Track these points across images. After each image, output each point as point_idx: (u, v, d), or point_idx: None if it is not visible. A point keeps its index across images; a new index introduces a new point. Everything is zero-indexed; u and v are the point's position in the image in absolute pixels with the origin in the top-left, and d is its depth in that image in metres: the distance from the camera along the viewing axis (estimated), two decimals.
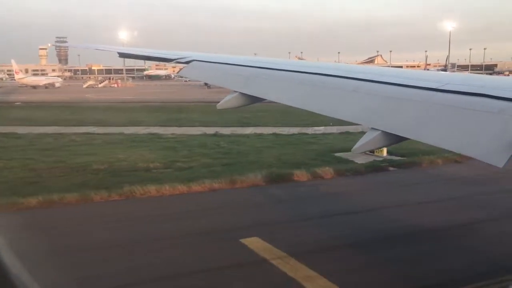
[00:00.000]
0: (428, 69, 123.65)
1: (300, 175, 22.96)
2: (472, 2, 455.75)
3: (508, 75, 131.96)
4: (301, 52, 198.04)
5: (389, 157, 28.18)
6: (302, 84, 9.37)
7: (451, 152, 28.14)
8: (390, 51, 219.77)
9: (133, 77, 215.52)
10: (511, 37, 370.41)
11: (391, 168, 25.26)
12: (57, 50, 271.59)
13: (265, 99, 9.82)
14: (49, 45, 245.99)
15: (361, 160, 27.62)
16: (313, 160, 27.49)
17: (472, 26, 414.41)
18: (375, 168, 25.07)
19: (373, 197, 20.50)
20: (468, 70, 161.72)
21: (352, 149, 6.56)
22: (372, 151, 28.75)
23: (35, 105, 70.27)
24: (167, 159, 27.98)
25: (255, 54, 33.60)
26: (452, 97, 6.23)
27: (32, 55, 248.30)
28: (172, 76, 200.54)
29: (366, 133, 6.59)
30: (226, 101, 10.03)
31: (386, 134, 6.40)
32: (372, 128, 6.62)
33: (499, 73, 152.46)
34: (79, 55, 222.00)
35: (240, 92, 9.89)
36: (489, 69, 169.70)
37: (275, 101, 9.71)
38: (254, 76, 10.68)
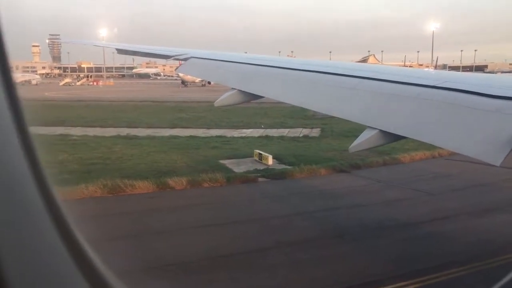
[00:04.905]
0: None
1: (143, 186, 20.43)
2: (466, 4, 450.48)
3: None
4: (292, 51, 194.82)
5: (276, 165, 25.59)
6: (300, 82, 9.32)
7: (357, 158, 26.20)
8: (382, 51, 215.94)
9: (123, 75, 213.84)
10: (505, 39, 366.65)
11: (260, 179, 22.56)
12: (50, 48, 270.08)
13: (263, 97, 9.67)
14: (47, 40, 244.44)
15: (242, 168, 25.11)
16: (189, 168, 24.98)
17: (467, 28, 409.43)
18: (242, 178, 22.43)
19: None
20: (459, 71, 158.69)
21: (349, 148, 6.52)
22: (260, 159, 26.35)
23: None
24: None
25: (245, 52, 31.66)
26: (450, 95, 6.10)
27: (25, 52, 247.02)
28: (162, 74, 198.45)
29: (364, 132, 6.44)
30: (224, 99, 10.08)
31: (383, 133, 6.19)
32: (369, 127, 6.42)
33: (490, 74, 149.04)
34: (68, 53, 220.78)
35: (239, 90, 9.89)
36: (480, 69, 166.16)
37: (273, 99, 9.61)
38: (253, 74, 10.70)
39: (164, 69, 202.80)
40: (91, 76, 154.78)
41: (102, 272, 1.95)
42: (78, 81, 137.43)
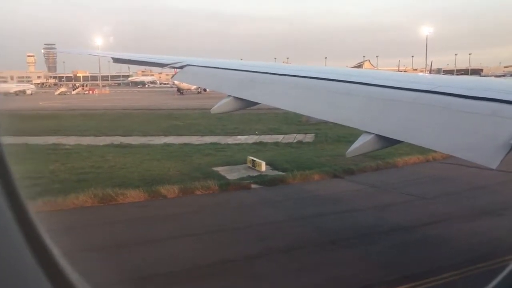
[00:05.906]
0: None
1: (135, 195, 20.24)
2: (460, 8, 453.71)
3: None
4: (287, 58, 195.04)
5: (270, 172, 25.46)
6: (295, 88, 9.41)
7: (351, 162, 26.08)
8: (377, 57, 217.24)
9: (118, 84, 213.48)
10: (499, 42, 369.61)
11: (253, 186, 22.42)
12: (46, 57, 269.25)
13: (259, 103, 9.69)
14: (42, 50, 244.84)
15: (235, 175, 24.96)
16: (182, 175, 24.78)
17: (461, 32, 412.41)
18: (234, 185, 22.25)
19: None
20: (453, 74, 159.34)
21: (346, 153, 6.47)
22: (253, 166, 26.21)
23: None
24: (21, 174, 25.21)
25: (241, 59, 31.57)
26: (445, 99, 6.12)
27: (20, 62, 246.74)
28: (158, 82, 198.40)
29: (360, 137, 6.41)
30: (220, 106, 10.08)
31: (379, 138, 6.20)
32: (366, 132, 6.41)
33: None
34: (64, 62, 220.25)
35: (234, 97, 9.92)
36: (476, 73, 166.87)
37: (269, 105, 9.65)
38: (248, 81, 10.71)
39: (160, 77, 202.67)
40: (86, 85, 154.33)
41: (75, 282, 1.92)
42: (73, 90, 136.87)
